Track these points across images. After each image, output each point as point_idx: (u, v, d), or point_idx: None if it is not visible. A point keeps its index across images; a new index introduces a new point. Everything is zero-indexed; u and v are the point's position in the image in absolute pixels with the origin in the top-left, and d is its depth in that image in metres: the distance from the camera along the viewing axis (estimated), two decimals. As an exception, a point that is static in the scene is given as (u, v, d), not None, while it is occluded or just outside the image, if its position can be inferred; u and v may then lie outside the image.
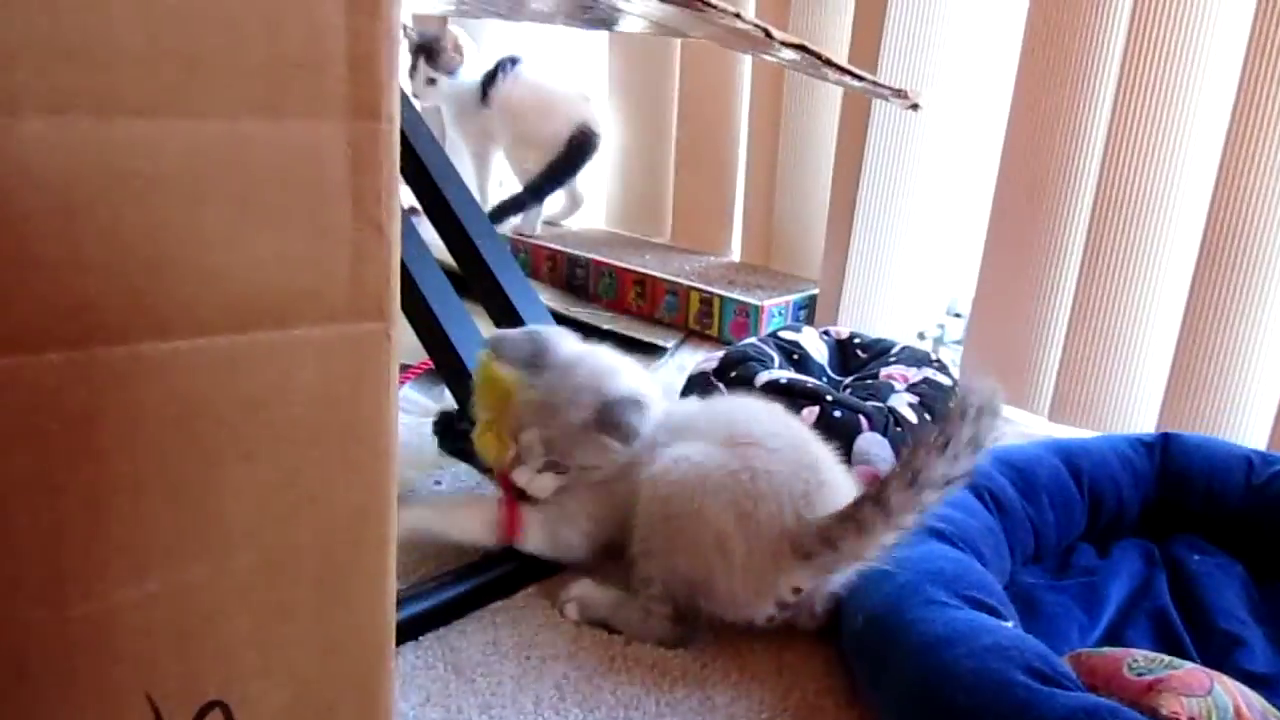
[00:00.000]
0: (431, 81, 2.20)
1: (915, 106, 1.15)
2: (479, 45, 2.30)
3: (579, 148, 2.17)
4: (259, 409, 0.45)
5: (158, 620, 0.45)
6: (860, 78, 1.05)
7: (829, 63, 0.99)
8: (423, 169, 1.44)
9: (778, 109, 1.94)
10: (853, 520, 0.92)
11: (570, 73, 2.30)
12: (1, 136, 0.37)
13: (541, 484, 1.07)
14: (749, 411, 1.07)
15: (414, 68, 2.20)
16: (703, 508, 0.96)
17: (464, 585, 1.04)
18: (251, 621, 0.48)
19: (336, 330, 0.46)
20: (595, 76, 2.35)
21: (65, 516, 0.42)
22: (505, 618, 1.04)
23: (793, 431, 1.04)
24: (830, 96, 1.86)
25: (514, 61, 2.22)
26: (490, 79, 2.22)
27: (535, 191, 2.17)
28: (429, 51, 2.18)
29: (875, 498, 0.90)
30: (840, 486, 1.01)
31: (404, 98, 1.45)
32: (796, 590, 0.97)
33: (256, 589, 0.47)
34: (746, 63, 2.04)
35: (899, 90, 1.09)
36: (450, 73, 2.20)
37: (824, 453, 1.04)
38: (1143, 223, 1.44)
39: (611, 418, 1.03)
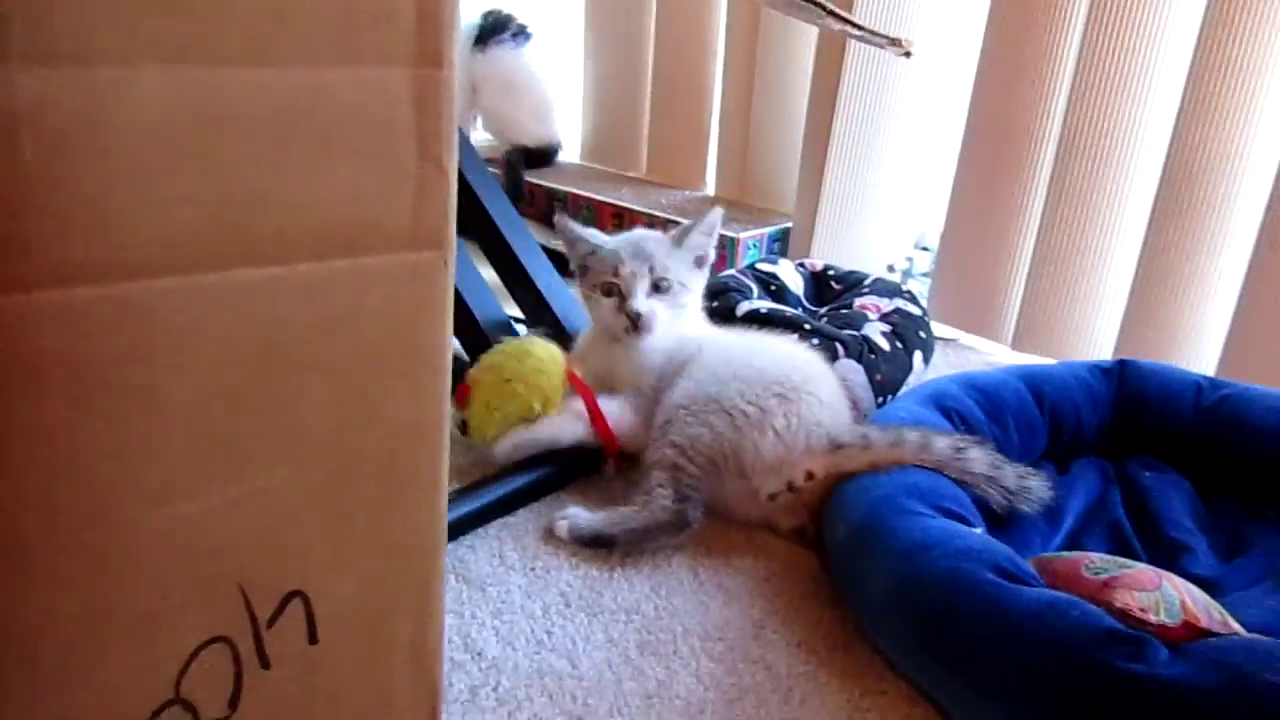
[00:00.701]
0: None
1: (908, 54, 1.22)
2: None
3: (539, 157, 2.26)
4: (334, 329, 0.50)
5: (247, 519, 0.50)
6: (859, 27, 1.12)
7: (831, 13, 1.04)
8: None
9: (753, 45, 1.98)
10: (893, 432, 1.07)
11: (556, 77, 2.33)
12: (123, 84, 0.41)
13: (653, 306, 1.22)
14: (798, 356, 1.21)
15: None
16: (751, 387, 1.11)
17: (470, 503, 1.10)
18: (324, 521, 0.53)
19: (401, 258, 0.51)
20: (572, 13, 2.36)
21: (170, 424, 0.47)
22: (509, 533, 1.10)
23: (830, 377, 1.21)
24: (806, 33, 1.90)
25: (525, 33, 2.24)
26: (495, 29, 2.22)
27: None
28: None
29: (921, 432, 1.06)
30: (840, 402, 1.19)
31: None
32: (809, 476, 1.08)
33: (329, 492, 0.53)
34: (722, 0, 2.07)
35: (894, 39, 1.15)
36: None
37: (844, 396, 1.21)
38: (1105, 162, 1.51)
39: (689, 227, 1.25)
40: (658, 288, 1.23)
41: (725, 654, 0.94)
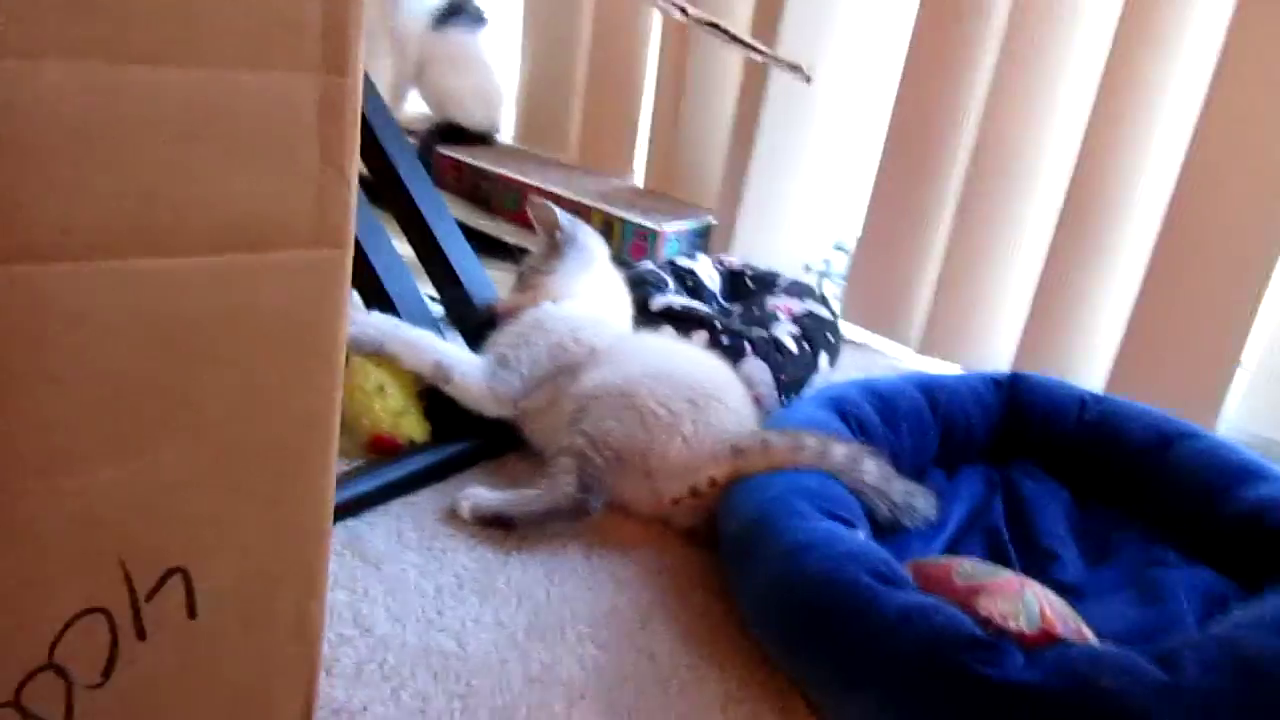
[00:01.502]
0: None
1: (808, 80, 1.28)
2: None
3: (477, 139, 2.30)
4: (233, 321, 0.52)
5: (134, 495, 0.52)
6: (762, 53, 1.17)
7: (735, 38, 1.09)
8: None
9: (687, 36, 2.00)
10: (792, 438, 1.10)
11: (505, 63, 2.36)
12: (26, 77, 0.42)
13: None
14: (707, 363, 1.25)
15: None
16: (663, 389, 1.13)
17: (371, 481, 1.12)
18: (211, 502, 0.55)
19: (301, 256, 0.53)
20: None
21: (60, 402, 0.48)
22: (409, 512, 1.12)
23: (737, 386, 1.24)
24: (739, 27, 1.92)
25: (482, 18, 2.27)
26: (454, 11, 2.25)
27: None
28: None
29: (820, 438, 1.10)
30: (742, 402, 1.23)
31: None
32: (712, 483, 1.11)
33: (218, 475, 0.55)
34: (659, -11, 2.09)
35: (795, 65, 1.20)
36: None
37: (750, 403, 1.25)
38: (1014, 174, 1.58)
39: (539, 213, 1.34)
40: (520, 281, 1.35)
41: (611, 641, 0.97)
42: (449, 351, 1.22)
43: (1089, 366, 1.55)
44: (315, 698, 0.66)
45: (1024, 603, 0.91)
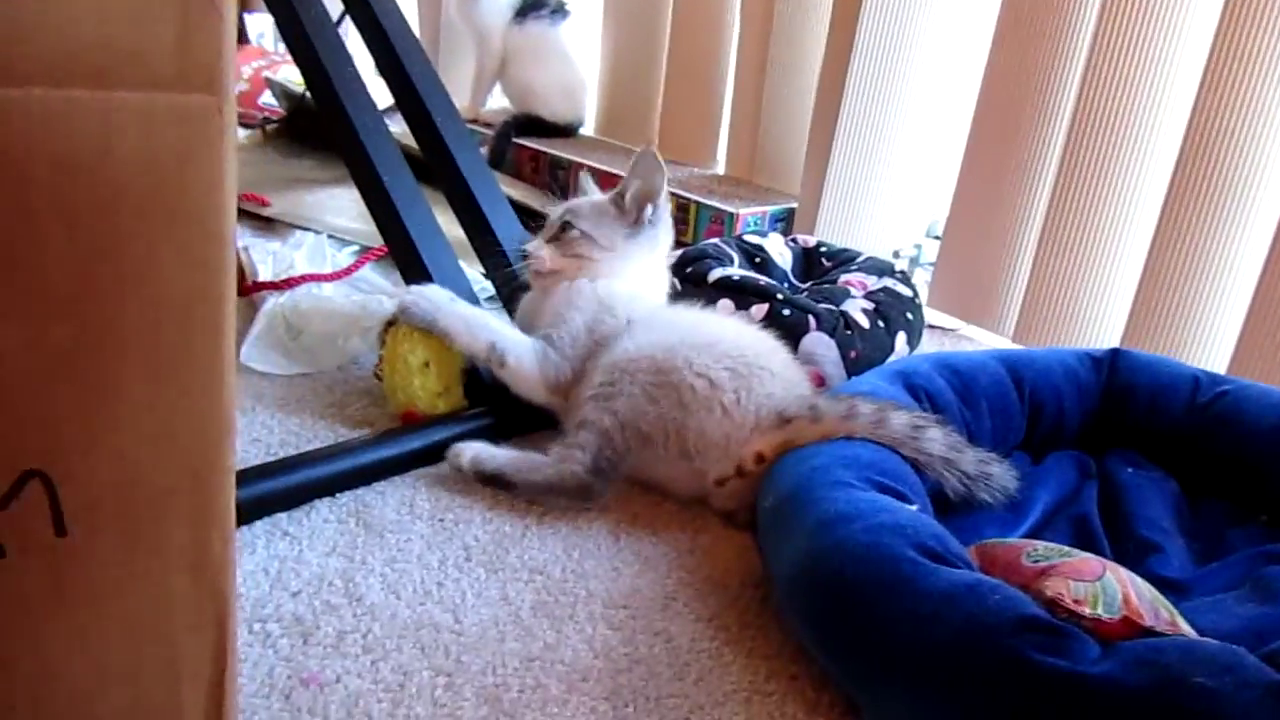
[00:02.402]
0: None
1: None
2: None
3: (561, 131, 2.25)
4: (78, 172, 0.44)
5: (-33, 379, 0.45)
6: None
7: None
8: (400, 65, 1.42)
9: (768, 25, 1.90)
10: (846, 404, 0.98)
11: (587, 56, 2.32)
12: None
13: (542, 249, 1.18)
14: (748, 332, 1.14)
15: None
16: (701, 358, 1.03)
17: (387, 449, 1.04)
18: (74, 394, 0.47)
19: (162, 99, 0.45)
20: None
21: None
22: (425, 482, 1.04)
23: (783, 351, 1.13)
24: (820, 14, 1.82)
25: (563, 10, 2.25)
26: (535, 5, 2.23)
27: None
28: None
29: (876, 404, 0.98)
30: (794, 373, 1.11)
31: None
32: (759, 458, 0.99)
33: (78, 361, 0.47)
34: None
35: None
36: None
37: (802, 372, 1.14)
38: (1117, 150, 1.42)
39: (648, 162, 1.18)
40: (561, 230, 1.18)
41: (626, 622, 0.87)
42: (505, 333, 1.13)
43: (1206, 351, 1.37)
44: (229, 649, 0.57)
45: (1103, 586, 0.77)
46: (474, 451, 1.03)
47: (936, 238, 1.85)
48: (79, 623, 0.52)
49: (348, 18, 1.52)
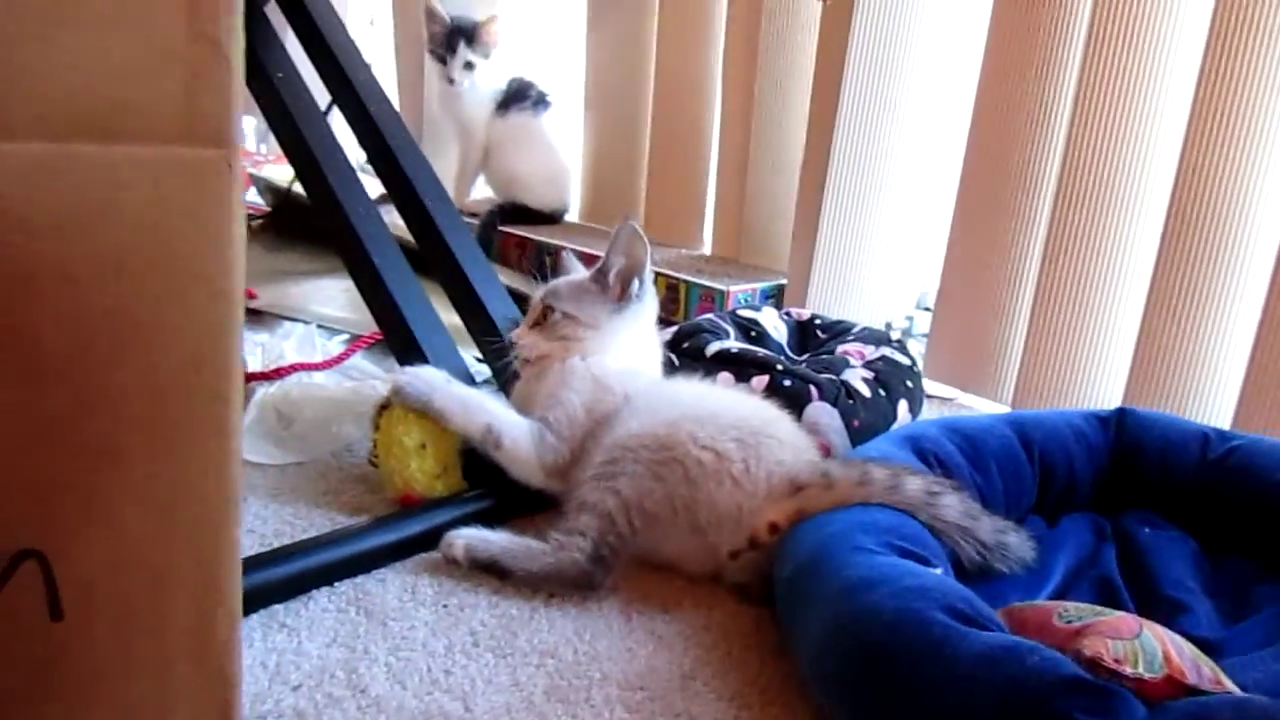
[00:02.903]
0: (469, 65, 2.22)
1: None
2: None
3: (546, 219, 2.26)
4: (80, 229, 0.42)
5: (-38, 451, 0.42)
6: None
7: None
8: (391, 154, 1.42)
9: (749, 104, 1.93)
10: (859, 469, 0.96)
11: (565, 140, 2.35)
12: None
13: (527, 336, 1.16)
14: (751, 401, 1.12)
15: (452, 50, 2.20)
16: (706, 430, 1.00)
17: (385, 535, 1.01)
18: (70, 464, 0.45)
19: (168, 153, 0.44)
20: (572, 74, 2.34)
21: None
22: (427, 567, 1.01)
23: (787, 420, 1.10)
24: (801, 92, 1.85)
25: (545, 101, 2.28)
26: (518, 96, 2.26)
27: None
28: (469, 35, 2.20)
29: (890, 469, 0.97)
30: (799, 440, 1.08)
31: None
32: (774, 529, 0.96)
33: (76, 430, 0.44)
34: (718, 63, 2.03)
35: None
36: (487, 56, 2.23)
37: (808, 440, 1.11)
38: (1105, 212, 1.42)
39: (627, 235, 1.14)
40: (544, 315, 1.16)
41: (644, 704, 0.82)
42: (501, 415, 1.10)
43: (1208, 406, 1.36)
44: (237, 739, 0.53)
45: (1142, 644, 0.74)
46: (467, 539, 1.00)
47: (926, 309, 1.85)
48: (73, 715, 0.48)
49: (335, 108, 1.53)
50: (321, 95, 1.50)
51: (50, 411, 0.44)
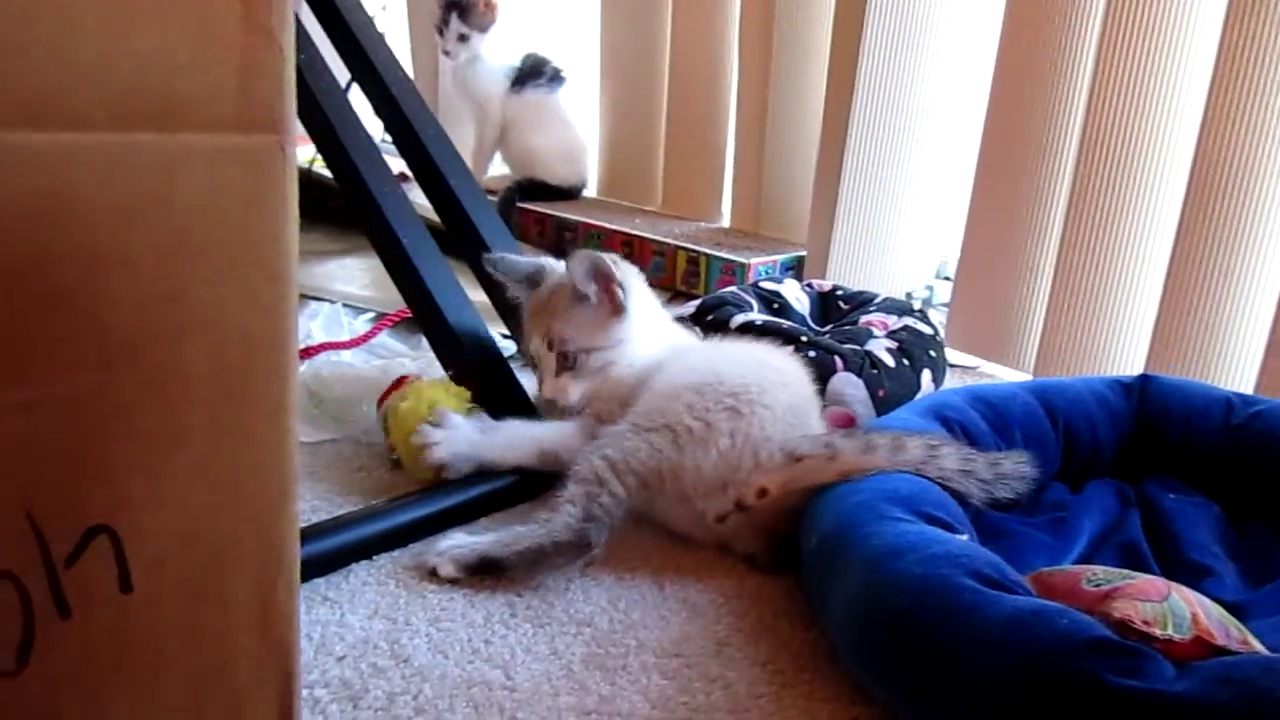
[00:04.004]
0: (463, 38, 2.22)
1: None
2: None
3: (564, 195, 2.25)
4: (142, 216, 0.44)
5: (36, 431, 0.43)
6: None
7: None
8: (413, 134, 1.43)
9: (766, 76, 1.93)
10: (862, 440, 0.98)
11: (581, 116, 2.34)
12: None
13: (563, 387, 1.13)
14: (762, 364, 1.10)
15: (445, 23, 2.21)
16: (701, 400, 1.01)
17: (420, 509, 1.03)
18: (138, 445, 0.46)
19: (225, 140, 0.45)
20: (587, 50, 2.35)
21: (-68, 310, 0.41)
22: (463, 541, 1.02)
23: (792, 386, 1.09)
24: (818, 62, 1.85)
25: (560, 77, 2.28)
26: (532, 73, 2.26)
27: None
28: (461, 8, 2.20)
29: (892, 435, 0.98)
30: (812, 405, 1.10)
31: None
32: (762, 493, 0.97)
33: (142, 410, 0.46)
34: (734, 34, 2.03)
35: None
36: (483, 30, 2.22)
37: (814, 406, 1.11)
38: (1128, 177, 1.42)
39: (583, 267, 1.11)
40: (565, 361, 1.14)
41: (680, 671, 0.84)
42: (546, 433, 1.11)
43: (1231, 372, 1.36)
44: (295, 707, 0.55)
45: (1170, 606, 0.76)
46: (451, 552, 0.96)
47: (946, 278, 1.86)
48: (141, 682, 0.50)
49: (355, 87, 1.54)
50: (340, 74, 1.51)
51: (118, 394, 0.45)
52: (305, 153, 2.03)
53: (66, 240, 0.43)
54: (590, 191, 2.35)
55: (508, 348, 1.38)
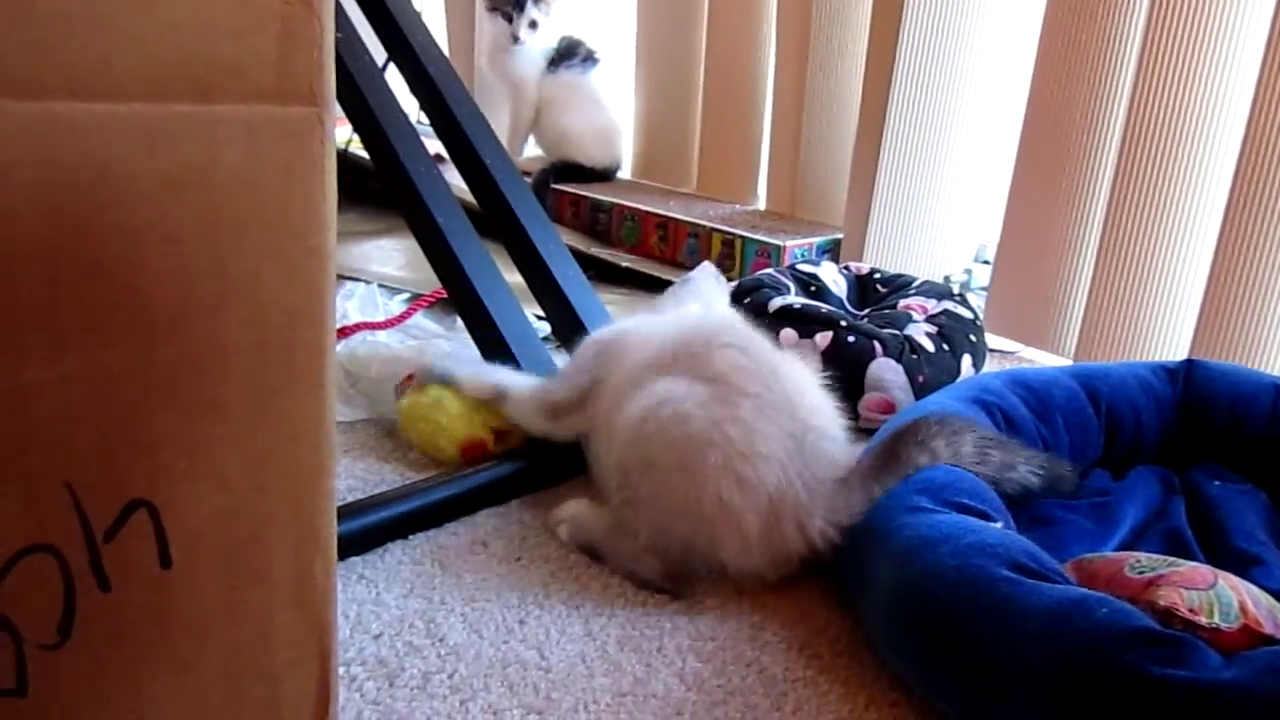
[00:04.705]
0: (534, 24, 2.22)
1: None
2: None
3: (599, 176, 2.23)
4: (181, 187, 0.44)
5: (76, 404, 0.43)
6: None
7: None
8: (450, 115, 1.43)
9: (803, 57, 1.91)
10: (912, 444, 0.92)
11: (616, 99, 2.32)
12: None
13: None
14: (720, 340, 0.96)
15: (519, 8, 2.20)
16: (694, 467, 0.88)
17: (454, 488, 1.03)
18: (177, 418, 0.46)
19: (264, 111, 0.44)
20: (624, 33, 2.33)
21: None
22: (496, 522, 1.03)
23: (766, 367, 0.94)
24: (857, 42, 1.83)
25: (593, 58, 2.26)
26: (567, 55, 2.25)
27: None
28: None
29: (917, 441, 0.92)
30: (825, 423, 0.98)
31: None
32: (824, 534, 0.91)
33: (181, 383, 0.46)
34: (772, 13, 2.01)
35: None
36: (547, 14, 2.23)
37: (801, 379, 1.01)
38: (1173, 158, 1.39)
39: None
40: None
41: (715, 654, 0.84)
42: (507, 376, 1.12)
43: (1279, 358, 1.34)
44: (332, 685, 0.55)
45: (1217, 594, 0.74)
46: (570, 523, 0.99)
47: (985, 262, 1.83)
48: (180, 657, 0.50)
49: (392, 67, 1.54)
50: (377, 54, 1.51)
51: (158, 367, 0.45)
52: (342, 134, 2.03)
53: (107, 212, 0.42)
54: (625, 173, 2.34)
55: (542, 328, 1.37)
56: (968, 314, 1.38)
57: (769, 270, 1.46)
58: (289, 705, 0.54)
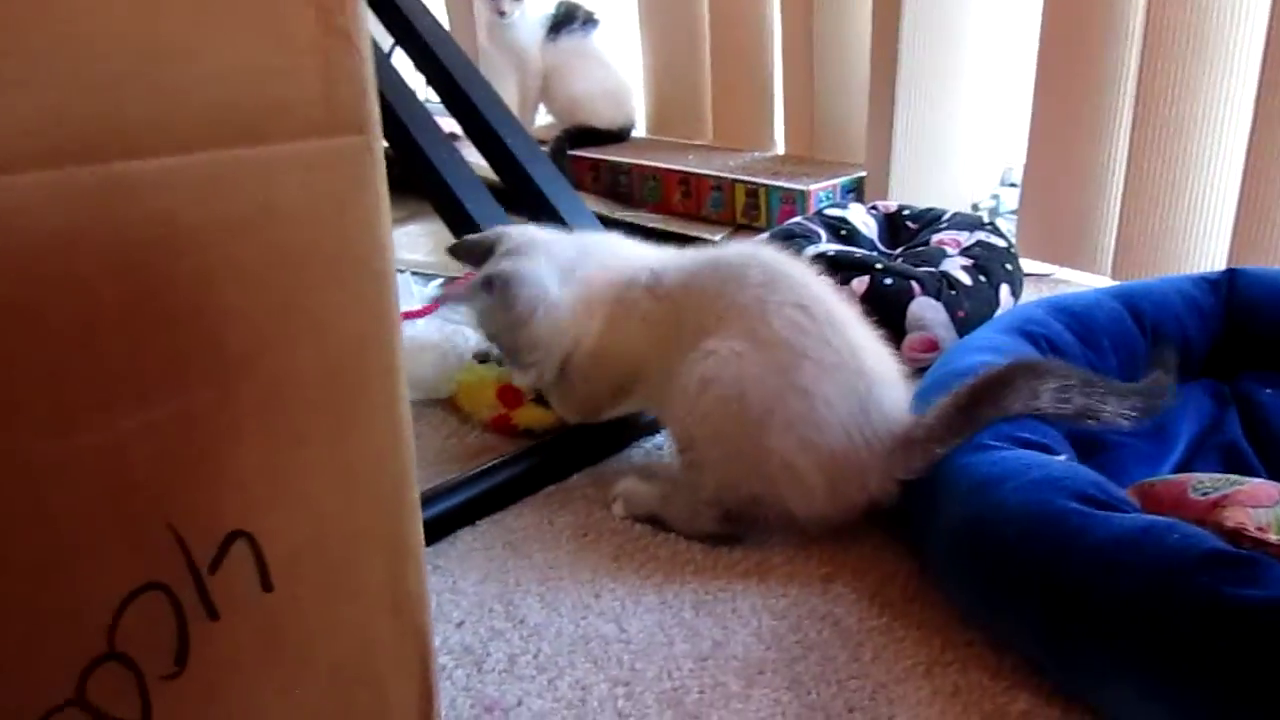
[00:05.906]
0: None
1: None
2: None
3: (613, 137, 2.22)
4: (245, 230, 0.45)
5: (167, 448, 0.45)
6: None
7: None
8: (463, 94, 1.43)
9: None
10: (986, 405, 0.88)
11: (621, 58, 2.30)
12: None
13: (525, 379, 1.08)
14: (776, 298, 0.93)
15: None
16: (759, 432, 0.88)
17: (516, 469, 1.05)
18: (262, 451, 0.48)
19: (315, 145, 0.45)
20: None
21: (52, 344, 0.42)
22: (558, 500, 1.04)
23: (824, 322, 0.92)
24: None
25: (593, 20, 2.25)
26: (566, 20, 2.24)
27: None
28: None
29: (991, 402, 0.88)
30: (886, 375, 0.94)
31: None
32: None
33: (264, 417, 0.47)
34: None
35: None
36: None
37: (861, 336, 0.95)
38: (1198, 61, 1.37)
39: (489, 289, 1.01)
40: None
41: (789, 610, 0.86)
42: None
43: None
44: (434, 685, 0.57)
45: (1284, 510, 0.74)
46: (624, 499, 1.00)
47: (1012, 185, 1.82)
48: (289, 675, 0.52)
49: (400, 53, 1.54)
50: (383, 38, 1.51)
51: (239, 405, 0.46)
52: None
53: (177, 262, 0.44)
54: (640, 131, 2.33)
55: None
56: (1001, 243, 1.38)
57: (798, 219, 1.46)
58: (397, 708, 0.56)
